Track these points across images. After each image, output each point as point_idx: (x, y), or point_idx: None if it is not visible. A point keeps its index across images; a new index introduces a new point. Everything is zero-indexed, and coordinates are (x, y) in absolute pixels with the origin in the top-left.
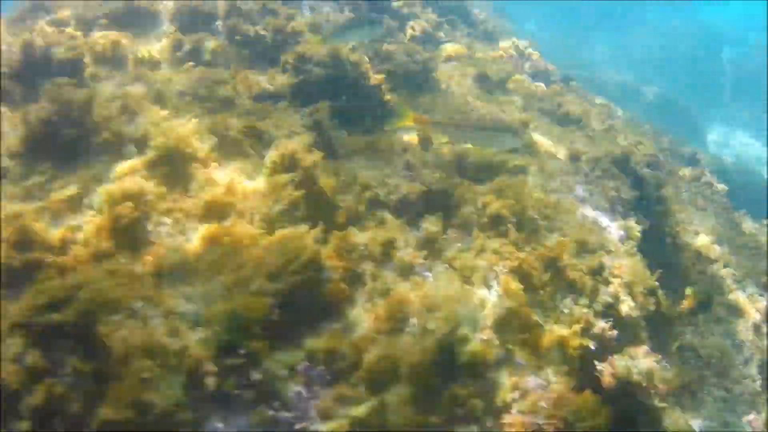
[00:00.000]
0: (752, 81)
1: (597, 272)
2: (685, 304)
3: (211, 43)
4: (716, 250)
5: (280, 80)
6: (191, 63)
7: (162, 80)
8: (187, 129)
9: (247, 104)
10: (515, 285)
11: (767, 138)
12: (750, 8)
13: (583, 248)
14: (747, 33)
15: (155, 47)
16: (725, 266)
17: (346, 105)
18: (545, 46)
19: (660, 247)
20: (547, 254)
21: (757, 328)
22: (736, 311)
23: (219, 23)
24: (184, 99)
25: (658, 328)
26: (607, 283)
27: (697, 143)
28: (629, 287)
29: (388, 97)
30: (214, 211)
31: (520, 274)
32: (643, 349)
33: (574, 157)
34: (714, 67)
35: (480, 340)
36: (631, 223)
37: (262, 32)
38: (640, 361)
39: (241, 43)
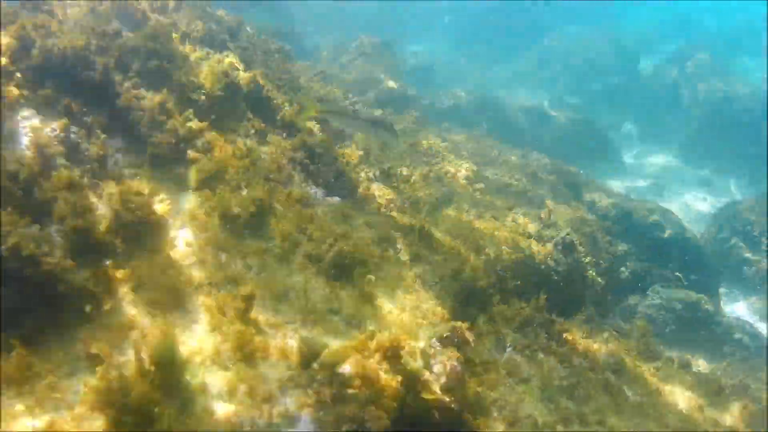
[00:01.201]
0: (670, 93)
1: None
2: None
3: None
4: None
5: None
6: None
7: None
8: None
9: None
10: None
11: None
12: (663, 13)
13: None
14: (663, 41)
15: None
16: None
17: None
18: (460, 71)
19: None
20: None
21: None
22: None
23: None
24: None
25: None
26: None
27: (614, 165)
28: None
29: None
30: None
31: None
32: None
33: (307, 361)
34: (631, 81)
35: None
36: None
37: None
38: None
39: None
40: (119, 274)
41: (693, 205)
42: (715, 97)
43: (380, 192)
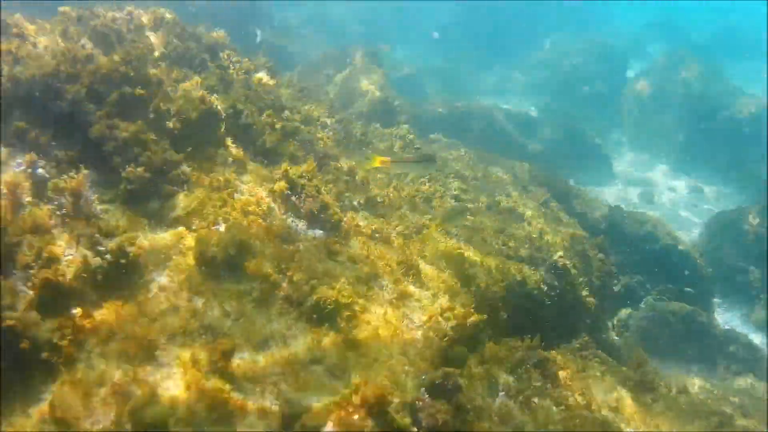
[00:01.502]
0: (661, 99)
1: None
2: None
3: None
4: None
5: None
6: None
7: None
8: None
9: None
10: None
11: None
12: (655, 15)
13: None
14: (653, 45)
15: None
16: None
17: None
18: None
19: None
20: None
21: None
22: None
23: None
24: None
25: None
26: None
27: (604, 173)
28: None
29: None
30: None
31: None
32: None
33: (289, 422)
34: (620, 87)
35: None
36: None
37: None
38: None
39: None
40: (88, 324)
41: (685, 214)
42: (708, 103)
43: (365, 222)
